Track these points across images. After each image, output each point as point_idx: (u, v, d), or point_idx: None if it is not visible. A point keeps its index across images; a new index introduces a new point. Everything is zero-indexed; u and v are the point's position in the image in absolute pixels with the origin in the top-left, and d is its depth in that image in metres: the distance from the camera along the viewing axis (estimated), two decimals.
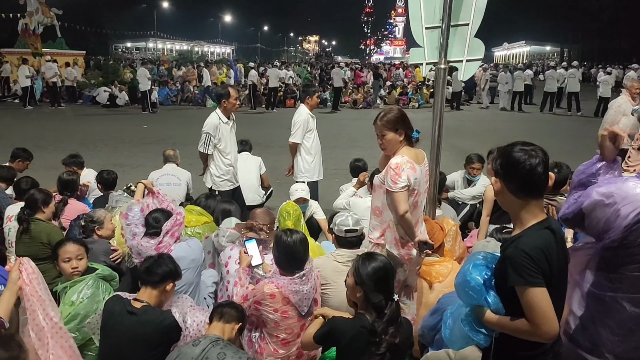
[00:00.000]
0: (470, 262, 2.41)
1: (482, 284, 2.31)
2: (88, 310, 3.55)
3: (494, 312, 2.29)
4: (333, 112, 21.77)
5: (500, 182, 2.29)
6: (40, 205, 4.64)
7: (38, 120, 18.02)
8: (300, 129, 6.56)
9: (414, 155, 3.66)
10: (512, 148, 2.27)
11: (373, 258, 2.95)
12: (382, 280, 2.84)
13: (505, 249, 2.25)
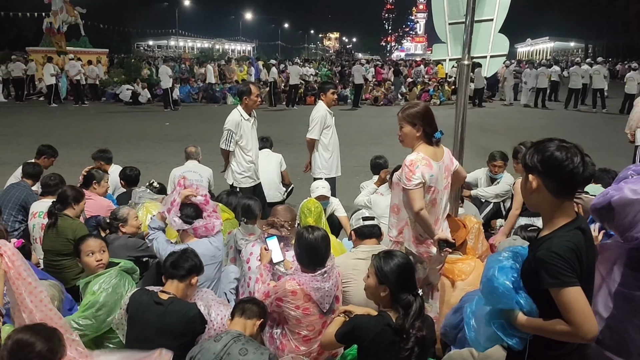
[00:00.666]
0: (494, 266, 2.32)
1: (511, 288, 2.24)
2: (108, 300, 3.58)
3: (527, 314, 2.22)
4: (353, 109, 21.72)
5: (538, 180, 2.19)
6: (71, 202, 4.72)
7: (62, 117, 18.31)
8: (318, 125, 6.54)
9: (431, 152, 3.63)
10: (550, 145, 2.18)
11: (393, 255, 2.94)
12: (406, 276, 2.84)
13: (536, 251, 2.19)
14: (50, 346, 2.30)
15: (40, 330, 2.36)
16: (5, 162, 10.03)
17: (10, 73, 23.20)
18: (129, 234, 4.68)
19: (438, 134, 3.62)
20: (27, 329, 2.34)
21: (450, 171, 3.74)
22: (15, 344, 2.26)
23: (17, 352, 2.24)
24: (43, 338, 2.29)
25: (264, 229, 4.02)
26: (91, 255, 3.78)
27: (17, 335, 2.28)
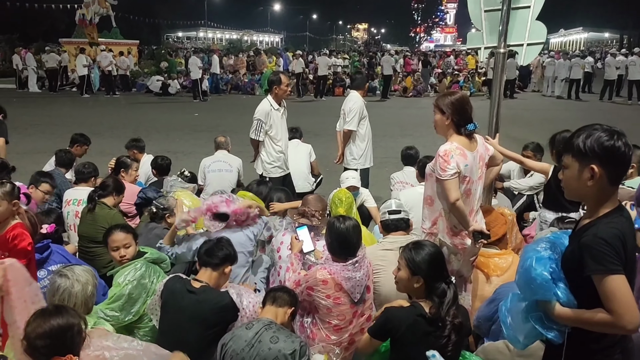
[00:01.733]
0: (532, 257, 2.25)
1: (549, 279, 2.17)
2: (132, 292, 3.62)
3: (565, 305, 2.15)
4: (382, 100, 21.58)
5: (599, 168, 2.09)
6: (112, 191, 4.84)
7: (94, 107, 18.61)
8: (357, 116, 6.51)
9: (465, 142, 3.56)
10: (602, 132, 2.09)
11: (423, 245, 2.90)
12: (439, 264, 2.82)
13: (581, 237, 2.12)
14: (68, 320, 2.32)
15: (59, 310, 2.37)
16: (40, 150, 10.24)
17: (44, 64, 23.66)
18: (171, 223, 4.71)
19: (471, 126, 3.54)
20: (46, 315, 2.32)
21: (485, 160, 3.67)
22: (55, 331, 2.25)
23: (62, 338, 2.25)
24: (71, 315, 2.32)
25: (295, 218, 4.01)
26: (115, 250, 3.82)
27: (47, 325, 2.27)
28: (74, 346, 2.28)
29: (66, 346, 2.25)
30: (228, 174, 6.45)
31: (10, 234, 3.41)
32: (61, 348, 2.23)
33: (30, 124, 14.36)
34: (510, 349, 2.90)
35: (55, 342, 2.23)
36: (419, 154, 6.35)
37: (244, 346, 2.79)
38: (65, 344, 2.25)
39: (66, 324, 2.27)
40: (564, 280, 2.19)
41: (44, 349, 2.22)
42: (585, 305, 2.13)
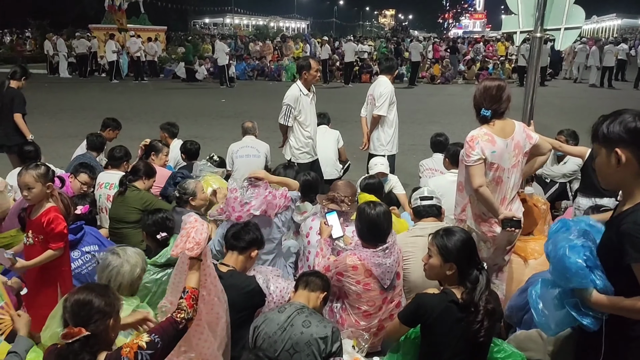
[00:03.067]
0: (564, 245, 2.21)
1: (584, 266, 2.13)
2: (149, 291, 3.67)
3: (602, 292, 2.11)
4: (410, 87, 21.35)
5: (627, 152, 2.05)
6: (142, 175, 4.91)
7: (123, 93, 18.82)
8: (387, 101, 6.42)
9: (498, 128, 3.49)
10: (629, 116, 2.06)
11: (453, 231, 2.85)
12: (471, 250, 2.78)
13: (620, 225, 2.06)
14: (107, 300, 2.35)
15: (94, 287, 2.42)
16: (71, 135, 10.39)
17: (74, 50, 23.98)
18: (198, 207, 4.75)
19: (484, 112, 3.49)
20: (82, 289, 2.39)
21: (522, 148, 3.57)
22: (74, 304, 2.31)
23: (78, 312, 2.30)
24: (98, 294, 2.35)
25: (324, 203, 3.99)
26: None
27: (73, 297, 2.33)
28: (89, 322, 2.30)
29: (82, 319, 2.29)
30: (256, 160, 6.46)
31: (45, 218, 3.45)
32: (75, 319, 2.29)
33: (61, 109, 14.60)
34: (543, 338, 2.85)
35: (74, 312, 2.29)
36: (449, 141, 6.27)
37: (276, 329, 2.80)
38: (81, 316, 2.29)
39: (85, 300, 2.31)
40: (600, 268, 2.15)
41: (66, 315, 2.31)
42: (623, 292, 2.08)
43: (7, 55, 28.95)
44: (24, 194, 3.45)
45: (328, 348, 2.77)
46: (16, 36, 35.76)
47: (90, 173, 5.31)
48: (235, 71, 22.72)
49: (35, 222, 3.47)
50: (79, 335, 2.25)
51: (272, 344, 2.76)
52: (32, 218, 3.53)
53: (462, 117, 12.12)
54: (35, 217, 3.49)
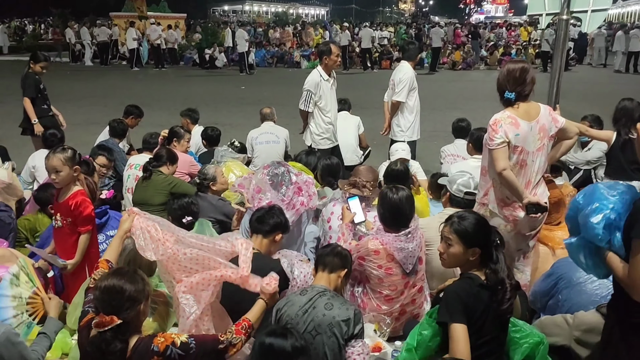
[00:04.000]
0: (598, 202, 2.26)
1: (601, 232, 2.21)
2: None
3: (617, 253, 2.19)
4: (430, 73, 21.14)
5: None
6: (165, 161, 4.98)
7: (144, 80, 18.94)
8: (407, 87, 6.36)
9: (522, 111, 3.45)
10: None
11: (466, 216, 2.80)
12: (489, 230, 2.76)
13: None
14: (137, 287, 2.37)
15: (124, 273, 2.43)
16: (94, 121, 10.50)
17: (96, 38, 24.17)
18: (218, 191, 4.79)
19: (508, 95, 3.44)
20: (112, 275, 2.40)
21: (547, 132, 3.52)
22: (105, 292, 2.32)
23: (109, 300, 2.31)
24: (129, 280, 2.36)
25: (346, 189, 3.98)
26: None
27: (104, 284, 2.34)
28: (120, 310, 2.32)
29: (112, 307, 2.31)
30: (276, 146, 6.47)
31: (73, 202, 3.52)
32: (107, 307, 2.30)
33: (84, 96, 14.74)
34: (569, 324, 2.83)
35: (104, 299, 2.32)
36: (471, 127, 6.20)
37: (298, 311, 2.81)
38: (112, 304, 2.31)
39: (116, 287, 2.32)
40: (621, 231, 2.20)
41: (97, 301, 2.34)
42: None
43: (30, 44, 29.29)
44: (52, 177, 3.51)
45: (350, 330, 2.77)
46: (38, 25, 36.14)
47: (109, 155, 5.37)
48: (254, 58, 22.72)
49: (63, 205, 3.54)
50: (111, 325, 2.27)
51: (294, 326, 2.77)
52: (60, 201, 3.60)
53: (484, 103, 11.97)
54: (63, 200, 3.55)
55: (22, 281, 3.33)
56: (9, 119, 8.34)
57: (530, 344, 2.72)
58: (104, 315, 2.28)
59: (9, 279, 3.29)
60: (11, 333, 2.69)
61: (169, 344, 2.36)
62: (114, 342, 2.30)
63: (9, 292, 3.25)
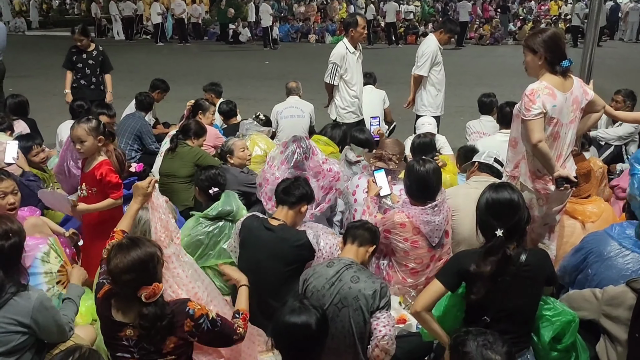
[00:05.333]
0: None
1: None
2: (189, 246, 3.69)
3: None
4: (457, 48, 20.76)
5: None
6: (192, 135, 4.99)
7: (168, 55, 19.00)
8: (429, 61, 6.25)
9: (558, 82, 3.35)
10: None
11: (501, 188, 2.75)
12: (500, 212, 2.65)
13: None
14: (148, 251, 2.40)
15: (139, 240, 2.44)
16: (120, 96, 10.49)
17: (121, 12, 24.22)
18: (236, 165, 4.79)
19: (565, 63, 3.32)
20: (131, 246, 2.38)
21: (580, 104, 3.44)
22: (139, 262, 2.33)
23: (144, 267, 2.33)
24: (146, 244, 2.40)
25: (372, 161, 3.96)
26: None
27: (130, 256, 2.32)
28: (157, 275, 2.38)
29: (150, 276, 2.33)
30: (300, 120, 6.44)
31: (98, 172, 3.55)
32: (146, 278, 2.32)
33: None
34: (598, 298, 2.79)
35: (139, 274, 2.31)
36: (497, 102, 6.07)
37: (325, 283, 2.81)
38: (149, 274, 2.33)
39: (146, 255, 2.34)
40: None
41: (131, 282, 2.31)
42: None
43: (56, 19, 29.51)
44: (77, 148, 3.55)
45: (376, 303, 2.77)
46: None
47: (108, 111, 5.38)
48: (278, 33, 22.58)
49: (89, 175, 3.58)
50: (160, 291, 2.31)
51: (320, 298, 2.78)
52: (85, 171, 3.64)
53: (512, 78, 11.77)
54: (88, 170, 3.59)
55: (52, 257, 3.42)
56: (37, 92, 8.47)
57: (562, 322, 2.69)
58: (147, 287, 2.29)
59: (40, 257, 3.37)
60: (45, 298, 2.76)
61: (204, 313, 2.42)
62: (166, 305, 2.35)
63: (41, 269, 3.35)
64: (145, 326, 2.30)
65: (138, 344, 2.33)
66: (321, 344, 2.24)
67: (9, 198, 3.34)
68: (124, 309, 2.36)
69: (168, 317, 2.33)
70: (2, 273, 2.56)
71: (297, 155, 4.03)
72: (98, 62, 7.01)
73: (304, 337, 2.18)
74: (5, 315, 2.57)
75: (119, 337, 2.34)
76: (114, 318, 2.36)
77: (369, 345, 2.78)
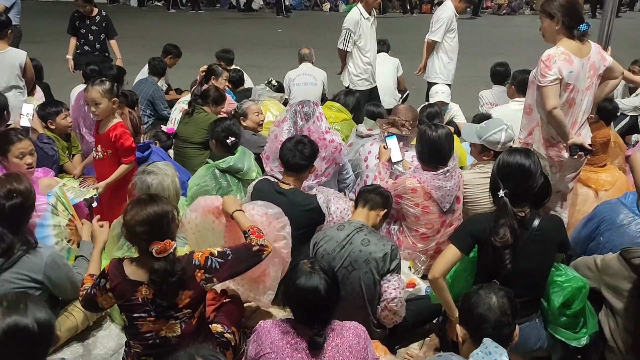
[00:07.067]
0: None
1: None
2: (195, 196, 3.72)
3: None
4: (472, 17, 20.37)
5: None
6: (210, 102, 4.97)
7: (180, 22, 18.84)
8: (443, 27, 6.12)
9: (575, 47, 3.29)
10: None
11: (516, 152, 2.72)
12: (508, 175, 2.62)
13: None
14: (170, 203, 2.45)
15: (153, 197, 2.47)
16: (132, 62, 10.48)
17: None
18: (249, 128, 4.80)
19: (583, 26, 3.25)
20: (147, 201, 2.41)
21: (597, 70, 3.38)
22: (154, 216, 2.35)
23: (159, 223, 2.35)
24: (161, 202, 2.42)
25: (384, 127, 3.94)
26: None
27: (146, 211, 2.34)
28: (170, 232, 2.40)
29: (163, 232, 2.36)
30: (313, 87, 6.39)
31: (113, 134, 3.58)
32: (159, 234, 2.34)
33: (121, 37, 14.45)
34: (598, 267, 2.77)
35: (153, 229, 2.33)
36: (510, 72, 5.96)
37: (335, 246, 2.84)
38: (163, 229, 2.36)
39: (162, 211, 2.37)
40: None
41: (143, 234, 2.33)
42: None
43: None
44: (91, 110, 3.57)
45: (386, 265, 2.79)
46: None
47: None
48: (292, 1, 22.28)
49: (104, 137, 3.61)
50: (171, 248, 2.34)
51: (330, 261, 2.80)
52: (100, 133, 3.66)
53: (528, 48, 11.55)
54: (103, 132, 3.62)
55: (60, 210, 3.44)
56: (49, 58, 8.44)
57: (572, 288, 2.67)
58: (159, 242, 2.32)
59: (50, 209, 3.39)
60: (57, 255, 2.82)
61: (207, 256, 2.45)
62: (177, 262, 2.37)
63: (50, 222, 3.37)
64: (157, 281, 2.34)
65: (154, 301, 2.38)
66: (331, 306, 2.25)
67: (27, 158, 3.43)
68: (137, 267, 2.40)
69: (178, 273, 2.35)
70: (9, 233, 2.60)
71: (298, 115, 3.98)
72: (102, 28, 6.95)
73: (313, 301, 2.19)
74: (18, 272, 2.64)
75: (135, 297, 2.38)
76: (128, 277, 2.39)
77: (379, 306, 2.82)
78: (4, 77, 4.71)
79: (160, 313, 2.40)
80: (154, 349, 2.41)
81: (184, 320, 2.44)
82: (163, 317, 2.41)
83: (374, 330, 2.87)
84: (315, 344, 2.17)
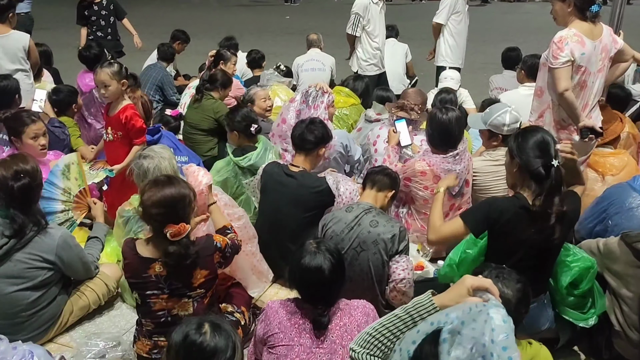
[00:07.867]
0: None
1: None
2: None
3: None
4: (483, 4, 20.24)
5: None
6: (218, 85, 4.95)
7: (187, 9, 18.83)
8: (447, 8, 6.05)
9: (587, 29, 3.27)
10: None
11: (530, 130, 2.64)
12: (539, 145, 2.48)
13: None
14: (188, 186, 2.47)
15: (175, 179, 2.49)
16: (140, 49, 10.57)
17: None
18: (257, 114, 4.79)
19: (595, 7, 3.24)
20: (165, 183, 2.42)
21: (609, 52, 3.37)
22: (170, 199, 2.36)
23: (175, 205, 2.37)
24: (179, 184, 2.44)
25: (393, 111, 3.94)
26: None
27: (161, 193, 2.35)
28: (186, 215, 2.41)
29: (178, 215, 2.37)
30: (321, 73, 6.36)
31: (123, 115, 3.59)
32: (174, 217, 2.35)
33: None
34: (600, 250, 2.75)
35: (168, 211, 2.34)
36: (521, 57, 5.92)
37: (344, 228, 2.84)
38: (178, 213, 2.37)
39: (178, 194, 2.37)
40: None
41: (159, 216, 2.34)
42: None
43: None
44: (101, 92, 3.59)
45: (395, 246, 2.80)
46: None
47: None
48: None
49: (114, 119, 3.62)
50: (186, 232, 2.35)
51: (339, 242, 2.80)
52: (110, 115, 3.68)
53: (538, 35, 11.46)
54: (113, 114, 3.64)
55: (72, 176, 3.41)
56: (57, 44, 8.46)
57: (580, 267, 2.66)
58: (174, 225, 2.33)
59: (61, 169, 3.37)
60: (68, 235, 2.84)
61: (228, 243, 2.56)
62: (191, 245, 2.40)
63: (60, 183, 3.35)
64: (170, 264, 2.37)
65: (167, 279, 2.40)
66: (334, 287, 2.23)
67: (40, 139, 3.49)
68: (151, 247, 2.42)
69: (192, 257, 2.38)
70: (20, 214, 2.62)
71: (301, 97, 4.00)
72: (111, 11, 6.95)
73: (317, 280, 2.19)
74: (30, 252, 2.67)
75: (148, 274, 2.40)
76: (141, 255, 2.41)
77: (387, 287, 2.83)
78: (8, 61, 4.73)
79: (174, 291, 2.43)
80: (165, 326, 2.43)
81: (197, 299, 2.48)
82: (176, 295, 2.44)
83: (383, 310, 2.87)
84: (319, 324, 2.18)
